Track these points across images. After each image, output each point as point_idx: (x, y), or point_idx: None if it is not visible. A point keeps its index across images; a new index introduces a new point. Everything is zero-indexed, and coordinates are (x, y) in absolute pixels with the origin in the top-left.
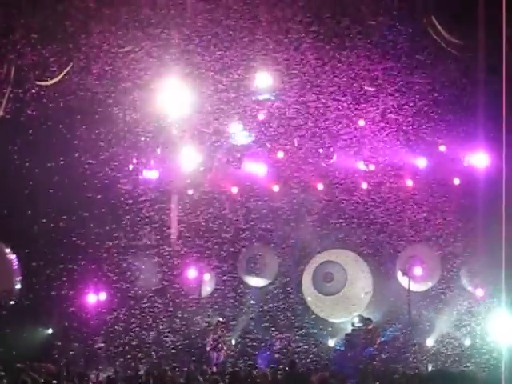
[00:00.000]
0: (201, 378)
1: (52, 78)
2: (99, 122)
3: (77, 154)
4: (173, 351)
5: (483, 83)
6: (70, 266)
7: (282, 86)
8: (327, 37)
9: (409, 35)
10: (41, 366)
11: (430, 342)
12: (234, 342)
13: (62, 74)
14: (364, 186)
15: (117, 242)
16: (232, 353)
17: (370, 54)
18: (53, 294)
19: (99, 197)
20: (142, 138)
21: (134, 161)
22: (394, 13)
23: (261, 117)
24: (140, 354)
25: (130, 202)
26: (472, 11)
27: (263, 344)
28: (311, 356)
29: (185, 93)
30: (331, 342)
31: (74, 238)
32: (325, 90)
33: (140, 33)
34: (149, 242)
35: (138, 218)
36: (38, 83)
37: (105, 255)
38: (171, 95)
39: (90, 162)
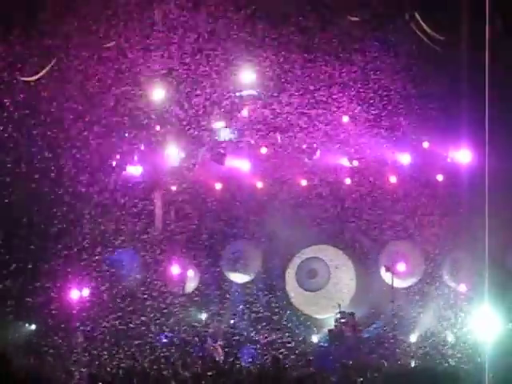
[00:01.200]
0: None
1: (35, 74)
2: (83, 117)
3: (60, 150)
4: (157, 347)
5: (466, 79)
6: (53, 261)
7: (266, 83)
8: (311, 33)
9: (392, 32)
10: None
11: (413, 337)
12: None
13: (46, 70)
14: (348, 182)
15: (100, 237)
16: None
17: (353, 51)
18: (35, 289)
19: (83, 192)
20: (126, 134)
21: (118, 156)
22: (378, 9)
23: (244, 113)
24: (123, 350)
25: (114, 197)
26: (455, 7)
27: (247, 340)
28: (295, 352)
29: (168, 89)
30: (315, 338)
31: (57, 233)
32: (308, 87)
33: (124, 29)
34: (132, 238)
35: (122, 214)
36: (22, 79)
37: (88, 250)
38: (155, 91)
39: (74, 157)
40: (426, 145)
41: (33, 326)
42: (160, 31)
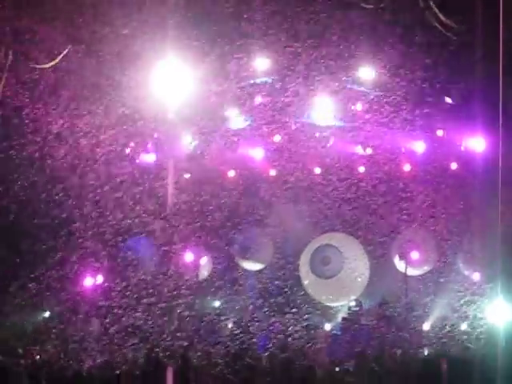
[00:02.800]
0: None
1: (50, 61)
2: (96, 105)
3: (74, 138)
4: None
5: (481, 68)
6: (66, 249)
7: (280, 70)
8: (325, 20)
9: (406, 18)
10: None
11: (426, 325)
12: (230, 326)
13: (60, 57)
14: (361, 169)
15: (114, 225)
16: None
17: (366, 38)
18: (49, 276)
19: (97, 180)
20: (140, 122)
21: (132, 144)
22: None
23: (258, 100)
24: (138, 340)
25: (128, 185)
26: None
27: (260, 327)
28: (308, 340)
29: (182, 77)
30: (328, 326)
31: (71, 222)
32: (323, 75)
33: (137, 16)
34: (145, 226)
35: (135, 202)
36: (36, 66)
37: (102, 238)
38: (168, 79)
39: (87, 145)
40: (440, 133)
41: (46, 313)
42: (175, 16)
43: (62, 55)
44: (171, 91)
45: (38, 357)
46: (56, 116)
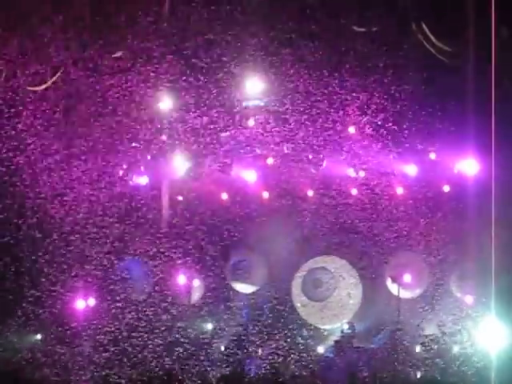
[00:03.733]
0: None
1: (42, 84)
2: (89, 127)
3: (66, 159)
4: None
5: (473, 90)
6: (58, 270)
7: (272, 93)
8: (317, 44)
9: (398, 42)
10: None
11: (418, 348)
12: (222, 348)
13: (53, 79)
14: (354, 192)
15: (106, 246)
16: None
17: (359, 62)
18: (40, 298)
19: (89, 201)
20: (133, 144)
21: (124, 166)
22: (384, 20)
23: (251, 123)
24: (129, 362)
25: (120, 206)
26: (463, 18)
27: (252, 350)
28: (300, 362)
29: (175, 99)
30: (320, 349)
31: (63, 242)
32: (315, 97)
33: (130, 38)
34: (138, 248)
35: (128, 223)
36: (28, 88)
37: (94, 259)
38: (161, 101)
39: (80, 167)
40: (432, 156)
41: (38, 336)
42: (166, 41)
43: (54, 78)
44: (164, 113)
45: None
46: (47, 138)
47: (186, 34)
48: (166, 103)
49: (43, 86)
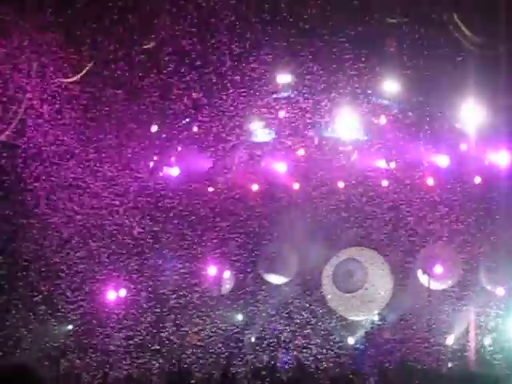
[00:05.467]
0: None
1: (75, 75)
2: (120, 119)
3: (97, 151)
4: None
5: (504, 81)
6: (90, 263)
7: (303, 84)
8: (348, 35)
9: (430, 32)
10: None
11: (449, 340)
12: (253, 340)
13: (85, 71)
14: (384, 183)
15: (136, 239)
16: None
17: (390, 52)
18: (73, 290)
19: (120, 193)
20: (163, 136)
21: (155, 158)
22: (416, 11)
23: (281, 114)
24: (160, 353)
25: (151, 198)
26: (494, 9)
27: (283, 342)
28: (331, 354)
29: (206, 90)
30: (351, 340)
31: (95, 235)
32: (346, 89)
33: (162, 29)
34: (169, 240)
35: (158, 215)
36: (61, 80)
37: (125, 252)
38: (192, 93)
39: (111, 158)
40: (463, 147)
41: (69, 327)
42: (195, 32)
43: (85, 70)
44: (195, 104)
45: (63, 370)
46: (78, 129)
47: (215, 25)
48: (197, 94)
49: (75, 78)
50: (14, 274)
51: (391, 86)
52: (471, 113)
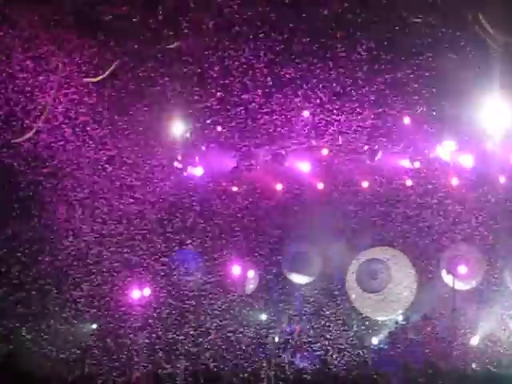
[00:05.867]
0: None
1: (98, 75)
2: (144, 118)
3: (122, 151)
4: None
5: None
6: (114, 261)
7: (327, 84)
8: (373, 33)
9: (454, 31)
10: None
11: (474, 340)
12: (277, 339)
13: (109, 71)
14: (409, 183)
15: (161, 237)
16: (276, 350)
17: (416, 52)
18: (97, 289)
19: (145, 192)
20: (187, 135)
21: (179, 157)
22: (441, 10)
23: (305, 114)
24: (184, 352)
25: (175, 198)
26: None
27: (306, 342)
28: (355, 354)
29: (230, 90)
30: (375, 340)
31: (118, 233)
32: (371, 88)
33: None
34: (193, 238)
35: (183, 214)
36: (86, 80)
37: (150, 251)
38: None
39: (136, 158)
40: (488, 146)
41: (93, 326)
42: (220, 29)
43: (109, 70)
44: (219, 104)
45: (87, 368)
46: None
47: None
48: (220, 93)
49: (100, 78)
50: (38, 274)
51: (415, 85)
52: (496, 112)
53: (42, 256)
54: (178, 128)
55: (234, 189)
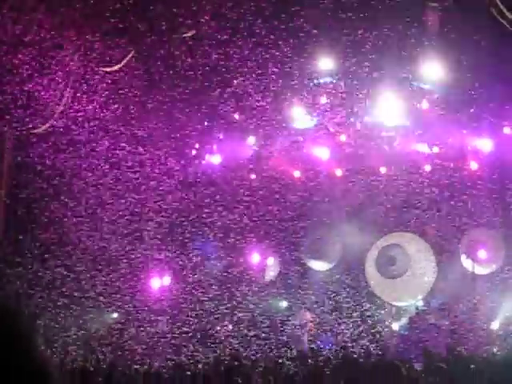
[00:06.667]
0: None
1: (115, 64)
2: (161, 107)
3: (139, 141)
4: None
5: None
6: (134, 250)
7: (344, 70)
8: (387, 19)
9: (471, 15)
10: None
11: (494, 325)
12: (296, 326)
13: (125, 60)
14: (427, 168)
15: (181, 226)
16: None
17: (431, 35)
18: (117, 278)
19: (163, 182)
20: (205, 123)
21: (197, 146)
22: None
23: (323, 100)
24: (204, 339)
25: (193, 186)
26: None
27: (326, 327)
28: (375, 340)
29: (247, 77)
30: (395, 326)
31: (138, 223)
32: (387, 73)
33: (201, 18)
34: (212, 226)
35: (201, 202)
36: (102, 69)
37: (169, 239)
38: (233, 80)
39: (154, 146)
40: (507, 130)
41: (114, 315)
42: (236, 20)
43: (126, 59)
44: (236, 91)
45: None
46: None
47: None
48: (238, 81)
49: (116, 67)
50: (60, 263)
51: (433, 70)
52: None
53: (66, 247)
54: (195, 116)
55: (253, 176)
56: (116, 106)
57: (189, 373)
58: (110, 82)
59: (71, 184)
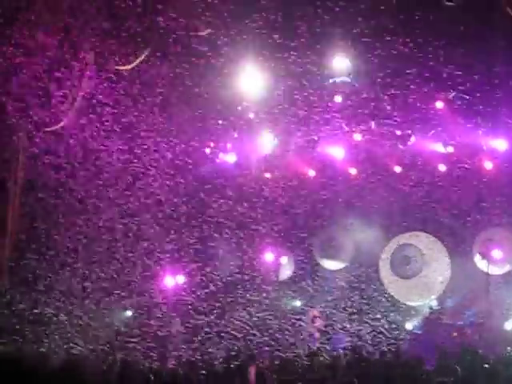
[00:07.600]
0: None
1: (130, 63)
2: (176, 106)
3: (154, 139)
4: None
5: None
6: (148, 249)
7: (359, 69)
8: (404, 18)
9: (486, 15)
10: None
11: (508, 325)
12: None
13: (140, 59)
14: (442, 168)
15: (194, 224)
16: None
17: (446, 34)
18: (131, 276)
19: (177, 181)
20: (219, 122)
21: (212, 144)
22: None
23: (338, 99)
24: (217, 337)
25: (208, 184)
26: None
27: (340, 327)
28: (389, 339)
29: (261, 76)
30: (409, 325)
31: (152, 221)
32: (402, 72)
33: (215, 17)
34: (226, 225)
35: (216, 201)
36: (117, 68)
37: (183, 237)
38: (248, 78)
39: (168, 145)
40: None
41: (128, 313)
42: (253, 20)
43: (141, 58)
44: (251, 91)
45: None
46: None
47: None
48: (253, 80)
49: (131, 66)
50: (73, 260)
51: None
52: None
53: (79, 243)
54: (209, 115)
55: (267, 175)
56: (130, 104)
57: (203, 371)
58: (125, 80)
59: (86, 182)
